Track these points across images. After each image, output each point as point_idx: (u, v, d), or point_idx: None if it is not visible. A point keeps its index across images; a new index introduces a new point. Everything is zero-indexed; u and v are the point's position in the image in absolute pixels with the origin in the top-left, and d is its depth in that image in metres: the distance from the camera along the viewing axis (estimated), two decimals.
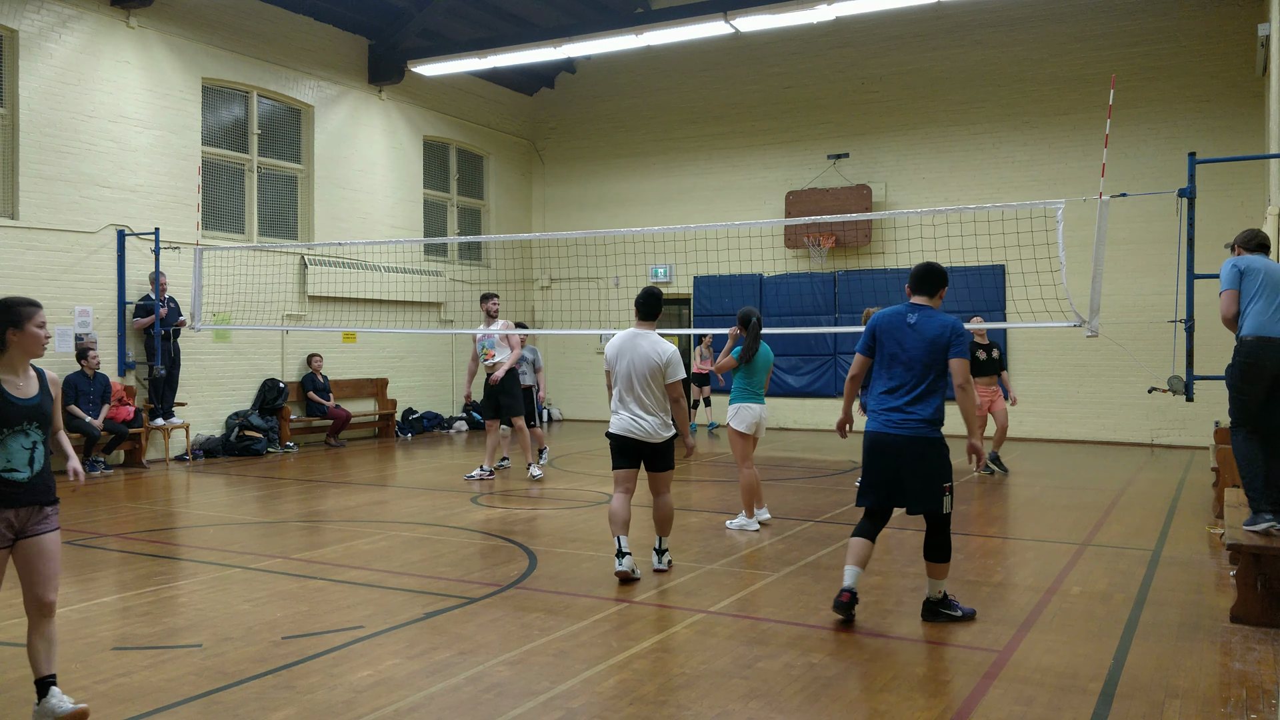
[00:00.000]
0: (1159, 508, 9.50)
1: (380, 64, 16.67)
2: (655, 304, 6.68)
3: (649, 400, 6.48)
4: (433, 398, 17.81)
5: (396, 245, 16.35)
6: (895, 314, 5.59)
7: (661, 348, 6.51)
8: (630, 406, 6.51)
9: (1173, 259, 8.23)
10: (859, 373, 5.72)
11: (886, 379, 5.53)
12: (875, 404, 5.56)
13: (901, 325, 5.53)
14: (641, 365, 6.47)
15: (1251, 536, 5.71)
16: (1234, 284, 6.14)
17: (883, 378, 5.56)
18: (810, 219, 11.77)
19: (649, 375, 6.46)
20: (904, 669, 4.81)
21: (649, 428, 6.48)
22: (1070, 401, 15.79)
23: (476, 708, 4.29)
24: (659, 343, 6.55)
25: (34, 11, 11.94)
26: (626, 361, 6.52)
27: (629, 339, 6.57)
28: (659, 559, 6.73)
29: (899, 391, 5.47)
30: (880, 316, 5.64)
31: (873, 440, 5.54)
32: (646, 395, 6.47)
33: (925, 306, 5.59)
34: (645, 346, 6.51)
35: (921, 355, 5.42)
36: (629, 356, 6.52)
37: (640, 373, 6.46)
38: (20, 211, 11.80)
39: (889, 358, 5.53)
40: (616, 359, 6.59)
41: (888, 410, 5.48)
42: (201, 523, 8.77)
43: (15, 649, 5.07)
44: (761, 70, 18.30)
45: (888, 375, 5.53)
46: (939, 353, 5.41)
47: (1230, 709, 4.30)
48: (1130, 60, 15.43)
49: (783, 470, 12.23)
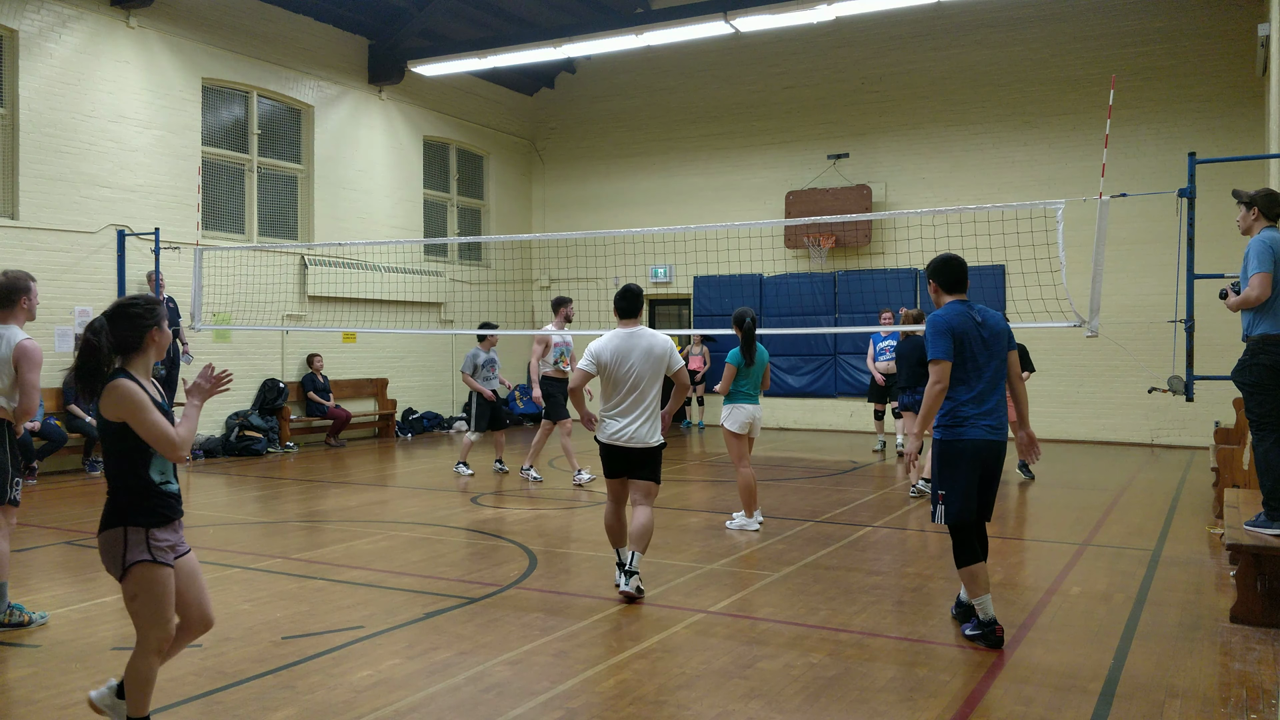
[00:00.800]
0: (1159, 508, 9.50)
1: (380, 64, 16.67)
2: (636, 300, 6.35)
3: (648, 402, 6.11)
4: (433, 398, 17.81)
5: (396, 245, 16.35)
6: (963, 314, 5.24)
7: (661, 339, 6.21)
8: (627, 412, 6.09)
9: (1173, 259, 8.23)
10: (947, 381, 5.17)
11: (976, 382, 5.20)
12: (973, 410, 5.17)
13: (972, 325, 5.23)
14: (651, 363, 6.10)
15: (1253, 536, 5.68)
16: (1267, 266, 5.75)
17: (970, 381, 5.20)
18: (810, 219, 11.78)
19: (656, 372, 6.13)
20: (904, 669, 4.81)
21: (644, 434, 6.11)
22: (1070, 401, 15.79)
23: (476, 708, 4.29)
24: (656, 335, 6.23)
25: (34, 11, 11.95)
26: (631, 363, 6.09)
27: (627, 339, 6.16)
28: (627, 580, 6.00)
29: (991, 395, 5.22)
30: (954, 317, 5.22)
31: (978, 447, 5.17)
32: (646, 397, 6.10)
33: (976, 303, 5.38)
34: (647, 343, 6.15)
35: (1001, 353, 5.25)
36: (633, 358, 6.09)
37: (649, 372, 6.09)
38: (20, 211, 11.81)
39: (971, 359, 5.20)
40: (618, 361, 6.11)
41: (988, 415, 5.20)
42: (201, 523, 8.76)
43: (15, 649, 5.07)
44: (761, 70, 18.30)
45: (977, 378, 5.19)
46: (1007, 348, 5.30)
47: (1230, 709, 4.30)
48: (1130, 60, 15.42)
49: (783, 470, 12.23)
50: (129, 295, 3.89)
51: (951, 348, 5.14)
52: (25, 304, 5.63)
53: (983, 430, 5.15)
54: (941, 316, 5.22)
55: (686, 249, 17.79)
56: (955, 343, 5.15)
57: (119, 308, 3.69)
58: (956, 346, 5.15)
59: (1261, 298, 5.76)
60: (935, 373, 5.15)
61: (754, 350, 8.15)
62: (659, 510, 8.23)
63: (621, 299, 6.35)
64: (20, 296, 5.62)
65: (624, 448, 6.14)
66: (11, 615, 5.39)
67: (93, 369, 3.60)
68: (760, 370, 8.23)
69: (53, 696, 4.39)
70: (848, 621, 5.61)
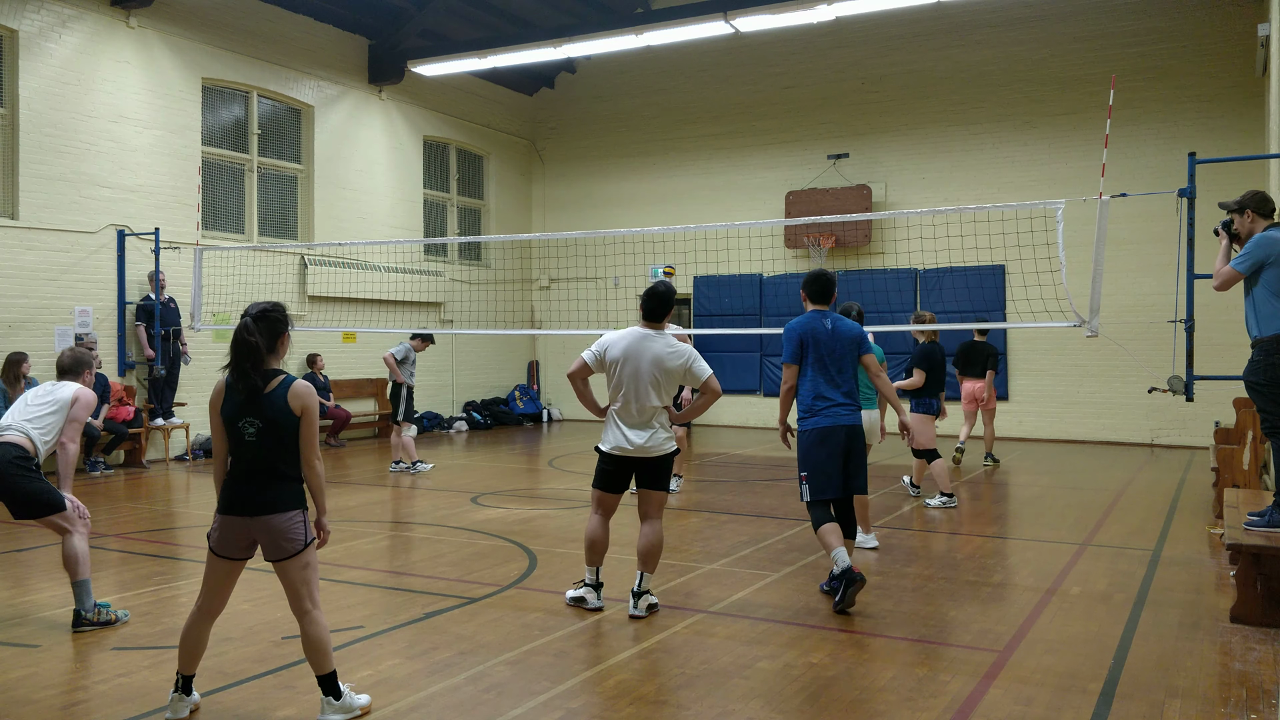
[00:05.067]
0: (1159, 508, 9.50)
1: (380, 64, 16.67)
2: (662, 305, 5.81)
3: (654, 410, 5.69)
4: (433, 398, 17.81)
5: (396, 245, 16.35)
6: (815, 321, 6.11)
7: (679, 348, 5.74)
8: (633, 419, 5.69)
9: (1173, 259, 8.23)
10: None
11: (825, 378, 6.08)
12: (824, 403, 6.02)
13: (823, 330, 6.07)
14: (662, 374, 5.68)
15: (1258, 534, 5.67)
16: (1244, 270, 5.76)
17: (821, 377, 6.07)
18: (810, 219, 11.78)
19: (662, 382, 5.69)
20: (904, 669, 4.81)
21: (653, 441, 5.68)
22: (1070, 401, 15.79)
23: (476, 708, 4.29)
24: (673, 343, 5.76)
25: (34, 11, 11.94)
26: (633, 367, 5.68)
27: (637, 340, 5.73)
28: (636, 603, 5.68)
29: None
30: (804, 324, 6.12)
31: (832, 433, 5.97)
32: (652, 405, 5.68)
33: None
34: (658, 349, 5.70)
35: (850, 354, 6.12)
36: (636, 362, 5.68)
37: (652, 378, 5.67)
38: (20, 211, 11.80)
39: (818, 361, 6.07)
40: (623, 361, 5.72)
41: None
42: (202, 523, 8.76)
43: (15, 649, 5.07)
44: (761, 70, 18.30)
45: (825, 375, 6.07)
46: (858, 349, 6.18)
47: (1230, 709, 4.30)
48: (1130, 60, 15.42)
49: (782, 470, 12.23)
50: (266, 301, 4.23)
51: (798, 352, 6.05)
52: (87, 376, 5.95)
53: (832, 418, 5.95)
54: (793, 324, 6.12)
55: (686, 249, 17.78)
56: (801, 346, 6.04)
57: (263, 312, 4.11)
58: (805, 350, 6.04)
59: (1218, 288, 6.06)
60: (784, 374, 6.11)
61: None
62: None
63: (647, 299, 5.83)
64: (84, 370, 5.94)
65: (632, 458, 5.71)
66: (100, 614, 5.44)
67: (252, 364, 4.03)
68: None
69: (53, 696, 4.39)
70: (848, 621, 5.61)
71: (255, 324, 4.05)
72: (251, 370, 4.03)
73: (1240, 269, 5.82)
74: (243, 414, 4.04)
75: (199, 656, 4.20)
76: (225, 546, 4.10)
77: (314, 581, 4.15)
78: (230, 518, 4.07)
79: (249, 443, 4.04)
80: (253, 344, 4.01)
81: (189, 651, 4.16)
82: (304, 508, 4.14)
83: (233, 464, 4.13)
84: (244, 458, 4.07)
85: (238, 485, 4.08)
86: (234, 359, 4.04)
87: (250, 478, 4.07)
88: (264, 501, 4.03)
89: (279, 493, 4.06)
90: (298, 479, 4.13)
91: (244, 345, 4.01)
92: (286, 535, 4.05)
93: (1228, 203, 6.16)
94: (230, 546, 4.10)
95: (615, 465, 5.79)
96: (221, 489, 4.13)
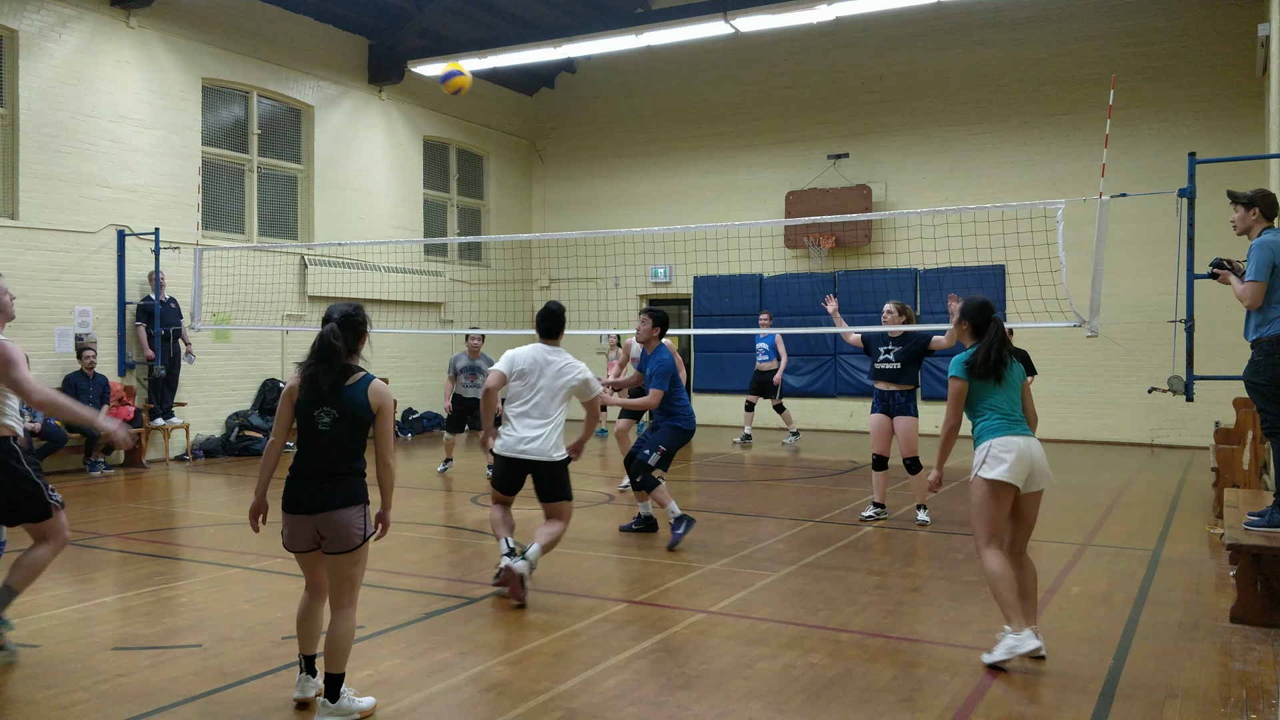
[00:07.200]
0: (1159, 508, 9.50)
1: (380, 64, 16.67)
2: (557, 323, 6.42)
3: (551, 417, 6.18)
4: (433, 398, 17.79)
5: (396, 245, 16.34)
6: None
7: (580, 366, 6.35)
8: (528, 425, 6.14)
9: (1173, 259, 8.22)
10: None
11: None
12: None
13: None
14: (560, 385, 6.22)
15: (1252, 535, 5.68)
16: (1264, 275, 5.74)
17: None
18: (810, 219, 11.79)
19: (559, 394, 6.21)
20: (904, 669, 4.81)
21: (545, 446, 6.12)
22: (1070, 401, 15.78)
23: (476, 708, 4.29)
24: (575, 362, 6.38)
25: (34, 11, 11.94)
26: (538, 378, 6.19)
27: (543, 354, 6.28)
28: (518, 558, 5.98)
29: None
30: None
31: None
32: (550, 411, 6.18)
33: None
34: (561, 364, 6.27)
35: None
36: (543, 372, 6.22)
37: (556, 390, 6.20)
38: (20, 211, 11.80)
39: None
40: (536, 374, 6.21)
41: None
42: (201, 523, 8.76)
43: (14, 649, 5.07)
44: (761, 70, 18.30)
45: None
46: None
47: (1230, 709, 4.30)
48: (1130, 60, 15.42)
49: (782, 470, 12.23)
50: (349, 304, 4.40)
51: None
52: None
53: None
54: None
55: (686, 249, 17.78)
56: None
57: (346, 316, 4.29)
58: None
59: (1252, 306, 5.79)
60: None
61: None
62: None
63: (542, 319, 6.42)
64: None
65: (521, 460, 6.11)
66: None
67: (333, 363, 4.21)
68: (1016, 387, 5.43)
69: (53, 696, 4.39)
70: (848, 621, 5.61)
71: (341, 329, 4.23)
72: (334, 369, 4.22)
73: (1261, 277, 5.76)
74: (320, 403, 4.19)
75: (316, 635, 4.35)
76: (296, 543, 4.24)
77: (359, 580, 4.27)
78: (295, 516, 4.18)
79: (321, 431, 4.19)
80: (338, 348, 4.20)
81: (306, 632, 4.34)
82: (366, 502, 4.26)
83: (297, 457, 4.26)
84: (312, 446, 4.21)
85: (301, 481, 4.20)
86: (318, 358, 4.20)
87: (315, 473, 4.19)
88: (327, 499, 4.15)
89: (342, 488, 4.19)
90: (360, 473, 4.26)
91: (329, 349, 4.19)
92: (350, 529, 4.17)
93: (1238, 194, 6.07)
94: (300, 542, 4.23)
95: (507, 467, 6.20)
96: (285, 487, 4.24)
